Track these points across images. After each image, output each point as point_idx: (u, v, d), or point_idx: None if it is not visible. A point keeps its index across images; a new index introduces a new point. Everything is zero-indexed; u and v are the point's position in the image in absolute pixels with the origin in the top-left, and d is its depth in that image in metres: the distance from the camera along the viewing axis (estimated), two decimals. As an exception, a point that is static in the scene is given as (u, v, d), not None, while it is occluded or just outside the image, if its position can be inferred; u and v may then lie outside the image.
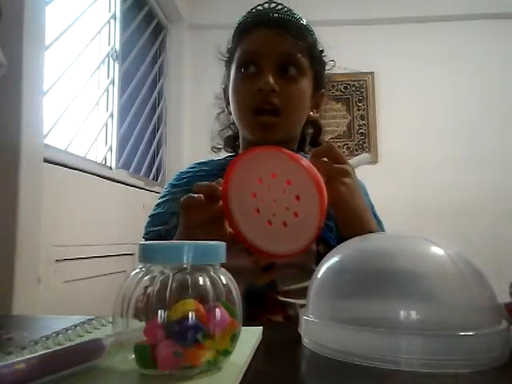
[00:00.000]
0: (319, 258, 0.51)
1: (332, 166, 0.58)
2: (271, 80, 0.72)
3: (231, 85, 0.79)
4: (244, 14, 0.82)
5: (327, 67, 0.85)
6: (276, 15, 0.77)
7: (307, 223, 0.48)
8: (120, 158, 2.08)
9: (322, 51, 0.83)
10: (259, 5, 0.81)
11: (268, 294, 0.68)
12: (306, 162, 0.49)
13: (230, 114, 0.85)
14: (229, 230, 0.56)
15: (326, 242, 0.71)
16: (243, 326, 0.35)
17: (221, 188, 0.54)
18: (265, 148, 0.51)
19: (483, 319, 0.38)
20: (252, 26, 0.78)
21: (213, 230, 0.56)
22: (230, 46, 0.84)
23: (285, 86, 0.74)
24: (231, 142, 0.90)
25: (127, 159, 2.16)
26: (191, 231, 0.56)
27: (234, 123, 0.88)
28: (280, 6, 0.79)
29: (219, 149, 0.91)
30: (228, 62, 0.84)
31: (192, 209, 0.55)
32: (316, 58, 0.81)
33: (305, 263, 0.69)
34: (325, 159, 0.58)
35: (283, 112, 0.74)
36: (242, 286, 0.66)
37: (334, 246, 0.49)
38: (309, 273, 0.48)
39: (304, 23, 0.79)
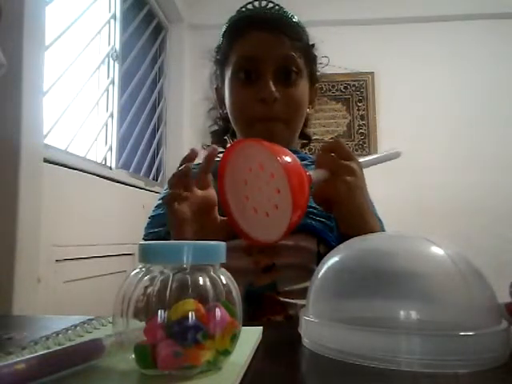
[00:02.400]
0: (320, 259, 0.51)
1: (337, 161, 0.57)
2: (273, 88, 0.72)
3: (228, 91, 0.78)
4: (234, 14, 0.81)
5: (322, 62, 0.85)
6: (270, 16, 0.76)
7: (283, 217, 0.50)
8: (120, 158, 2.08)
9: (313, 45, 0.82)
10: (249, 3, 0.79)
11: (268, 295, 0.68)
12: (287, 158, 0.50)
13: (222, 112, 0.85)
14: (219, 218, 0.59)
15: (326, 242, 0.70)
16: (243, 325, 0.35)
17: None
18: (253, 140, 0.54)
19: (483, 319, 0.38)
20: (247, 29, 0.76)
21: (205, 221, 0.59)
22: (221, 46, 0.82)
23: (286, 92, 0.74)
24: (219, 137, 0.89)
25: (127, 159, 2.16)
26: (184, 227, 0.58)
27: (221, 118, 0.87)
28: (271, 5, 0.78)
29: (209, 146, 0.90)
30: (220, 63, 0.82)
31: (174, 202, 0.57)
32: (310, 55, 0.81)
33: (305, 264, 0.69)
34: (333, 154, 0.58)
35: (287, 119, 0.74)
36: (243, 287, 0.66)
37: (335, 247, 0.49)
38: (309, 273, 0.48)
39: (296, 21, 0.78)
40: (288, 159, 0.50)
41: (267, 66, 0.73)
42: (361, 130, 2.76)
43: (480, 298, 0.40)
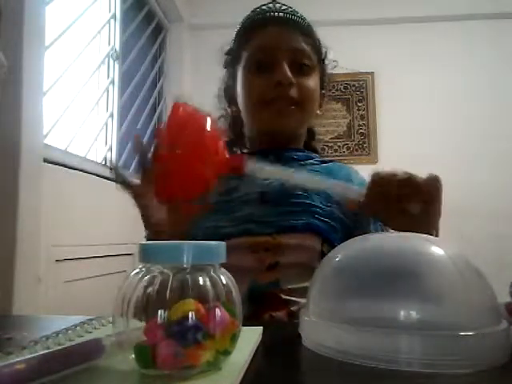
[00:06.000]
0: (323, 258, 0.51)
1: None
2: (289, 73, 0.74)
3: (241, 81, 0.79)
4: (247, 15, 0.83)
5: (329, 67, 0.87)
6: (284, 14, 0.79)
7: None
8: (120, 158, 2.08)
9: (325, 52, 0.85)
10: (263, 5, 0.82)
11: (271, 292, 0.68)
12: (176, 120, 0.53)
13: (231, 114, 0.85)
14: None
15: (330, 242, 0.71)
16: (243, 325, 0.35)
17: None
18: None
19: (483, 319, 0.38)
20: (261, 25, 0.78)
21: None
22: (233, 46, 0.84)
23: (300, 80, 0.75)
24: (233, 145, 0.89)
25: (127, 159, 2.16)
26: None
27: (232, 123, 0.87)
28: (284, 7, 0.80)
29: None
30: (232, 63, 0.84)
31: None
32: (321, 56, 0.83)
33: (309, 263, 0.69)
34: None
35: (300, 103, 0.75)
36: (246, 284, 0.67)
37: None
38: (312, 272, 0.48)
39: (309, 23, 0.81)
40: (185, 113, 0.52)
41: (281, 55, 0.75)
42: (361, 130, 2.76)
43: (480, 298, 0.40)
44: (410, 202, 0.55)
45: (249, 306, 0.65)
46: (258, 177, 0.58)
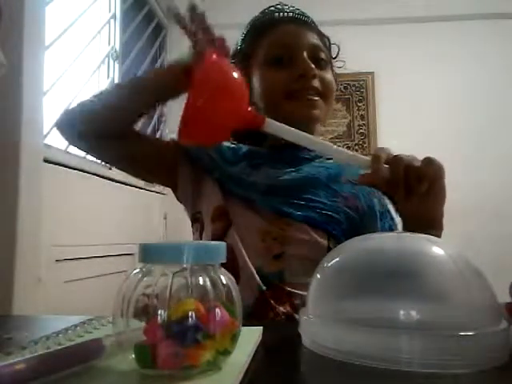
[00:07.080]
0: None
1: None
2: (312, 65, 0.74)
3: (260, 77, 0.78)
4: (257, 15, 0.84)
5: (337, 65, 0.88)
6: (296, 13, 0.80)
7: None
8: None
9: (338, 50, 0.86)
10: (271, 6, 0.83)
11: (276, 284, 0.69)
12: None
13: None
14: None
15: (336, 237, 0.71)
16: (244, 325, 0.35)
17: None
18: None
19: (483, 319, 0.38)
20: (276, 23, 0.79)
21: None
22: (243, 46, 0.84)
23: (320, 72, 0.76)
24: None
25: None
26: None
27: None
28: (292, 7, 0.82)
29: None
30: (243, 62, 0.82)
31: None
32: (332, 57, 0.84)
33: (314, 257, 0.69)
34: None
35: (323, 94, 0.76)
36: (255, 269, 0.69)
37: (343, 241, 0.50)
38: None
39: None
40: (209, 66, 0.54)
41: (301, 50, 0.75)
42: (361, 130, 2.76)
43: (480, 298, 0.40)
44: (418, 182, 0.57)
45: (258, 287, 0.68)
46: (274, 134, 0.60)
